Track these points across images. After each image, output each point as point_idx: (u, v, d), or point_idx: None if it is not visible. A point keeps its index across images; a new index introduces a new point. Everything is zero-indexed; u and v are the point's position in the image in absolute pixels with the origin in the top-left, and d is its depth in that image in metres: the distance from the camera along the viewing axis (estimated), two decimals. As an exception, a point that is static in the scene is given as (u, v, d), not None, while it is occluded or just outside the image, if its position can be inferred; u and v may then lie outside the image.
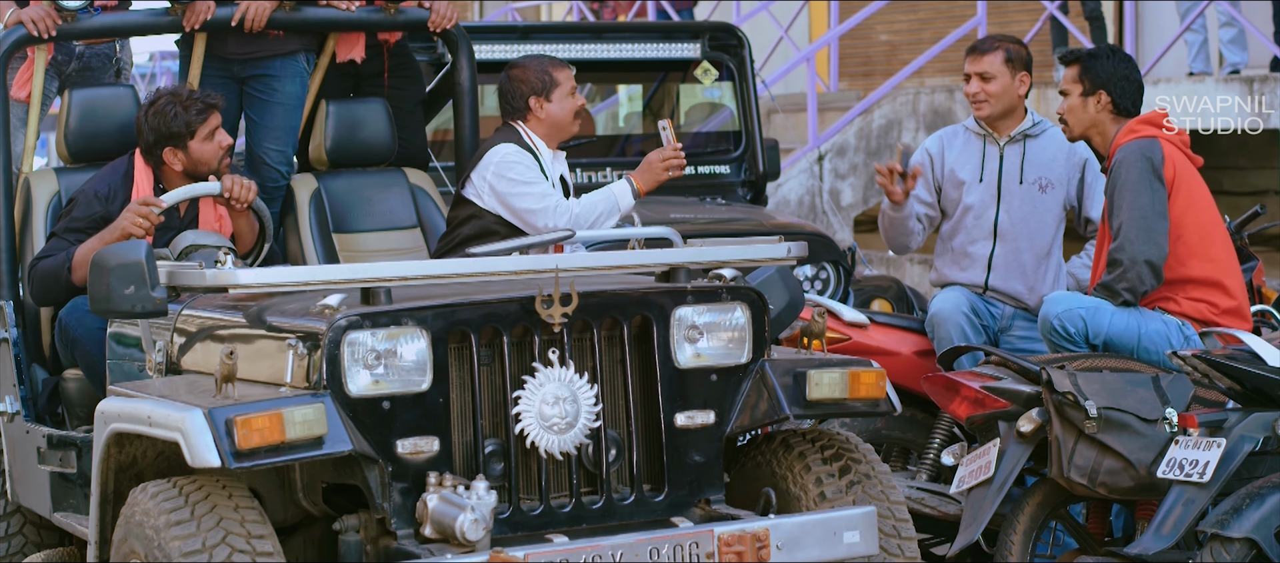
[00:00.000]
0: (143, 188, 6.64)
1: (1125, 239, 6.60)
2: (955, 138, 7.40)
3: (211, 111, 6.62)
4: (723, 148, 10.07)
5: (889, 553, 5.65)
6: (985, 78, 7.27)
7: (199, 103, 6.61)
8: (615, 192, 6.75)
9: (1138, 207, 6.59)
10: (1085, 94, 6.84)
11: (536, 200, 6.67)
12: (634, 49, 9.87)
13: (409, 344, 5.20)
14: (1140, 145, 6.67)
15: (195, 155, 6.61)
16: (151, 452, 5.62)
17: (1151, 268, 6.60)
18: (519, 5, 21.23)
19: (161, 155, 6.63)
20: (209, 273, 5.37)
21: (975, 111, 7.32)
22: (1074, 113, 6.87)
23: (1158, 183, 6.62)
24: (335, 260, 7.17)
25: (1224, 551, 5.63)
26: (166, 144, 6.61)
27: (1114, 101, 6.81)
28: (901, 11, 17.61)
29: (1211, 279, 6.68)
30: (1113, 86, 6.81)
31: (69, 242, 6.57)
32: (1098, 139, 6.87)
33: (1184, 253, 6.67)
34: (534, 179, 6.71)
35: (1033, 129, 7.32)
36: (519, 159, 6.74)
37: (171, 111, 6.58)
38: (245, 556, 5.00)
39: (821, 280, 9.18)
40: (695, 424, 5.53)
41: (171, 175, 6.67)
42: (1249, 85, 12.08)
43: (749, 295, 5.63)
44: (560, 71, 6.87)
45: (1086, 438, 6.06)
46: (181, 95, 6.64)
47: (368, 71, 7.62)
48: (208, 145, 6.62)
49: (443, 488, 5.12)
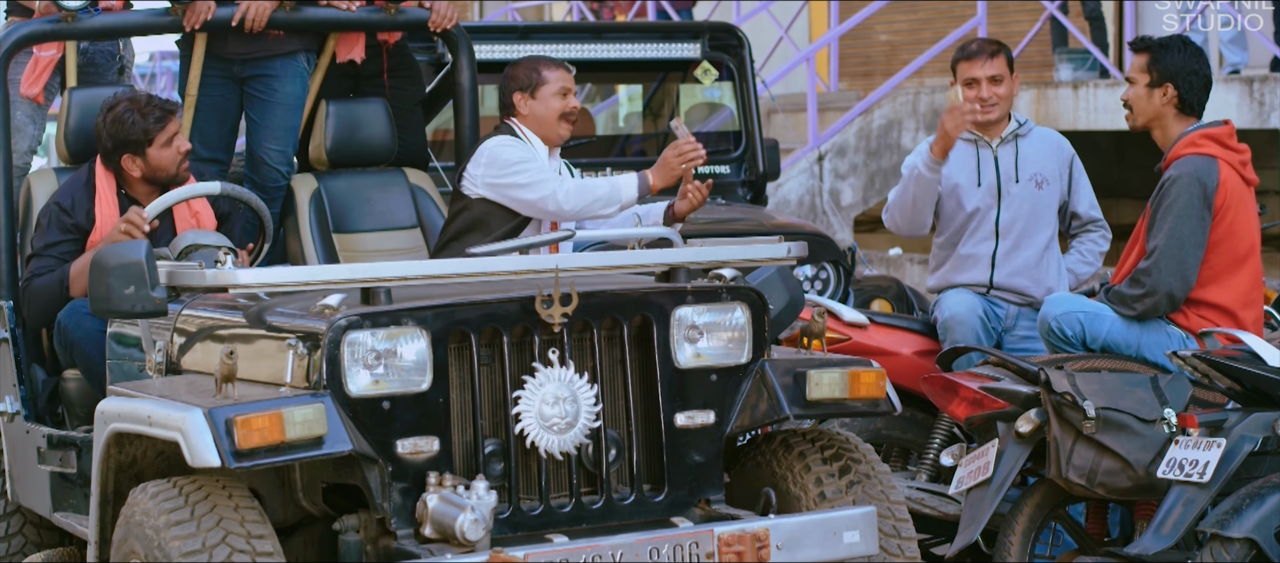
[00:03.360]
0: (104, 195, 6.64)
1: (1155, 264, 6.53)
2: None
3: (169, 118, 6.61)
4: (723, 148, 10.07)
5: (889, 553, 5.65)
6: (996, 81, 7.27)
7: (157, 110, 6.59)
8: (619, 182, 6.70)
9: (1177, 234, 6.51)
10: (1152, 85, 6.69)
11: (529, 176, 6.68)
12: (634, 49, 9.87)
13: (409, 344, 5.20)
14: (1198, 166, 6.53)
15: (153, 162, 6.61)
16: (151, 452, 5.62)
17: (1172, 300, 6.54)
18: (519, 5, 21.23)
19: (120, 162, 6.62)
20: (209, 273, 5.37)
21: (982, 115, 7.27)
22: (1139, 102, 6.73)
23: (1206, 210, 6.51)
24: (335, 260, 7.18)
25: (1224, 551, 5.63)
26: (125, 151, 6.60)
27: (1180, 96, 6.67)
28: (901, 11, 17.62)
29: (1226, 307, 6.60)
30: (1181, 80, 6.67)
31: (53, 257, 6.58)
32: (1158, 133, 6.74)
33: (1207, 276, 6.58)
34: (526, 157, 6.72)
35: (1021, 129, 7.32)
36: (512, 144, 6.76)
37: (129, 119, 6.57)
38: (245, 556, 5.00)
39: (821, 280, 9.18)
40: (695, 424, 5.53)
41: (132, 182, 6.66)
42: (1249, 85, 12.08)
43: (749, 295, 5.63)
44: (551, 71, 6.85)
45: (1085, 438, 6.06)
46: (140, 102, 6.62)
47: (368, 72, 7.63)
48: (166, 151, 6.61)
49: (443, 488, 5.12)
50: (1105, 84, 13.17)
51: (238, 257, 5.62)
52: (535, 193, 6.67)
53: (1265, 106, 12.01)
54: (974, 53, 7.30)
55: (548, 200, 6.67)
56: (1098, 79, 13.55)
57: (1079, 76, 13.73)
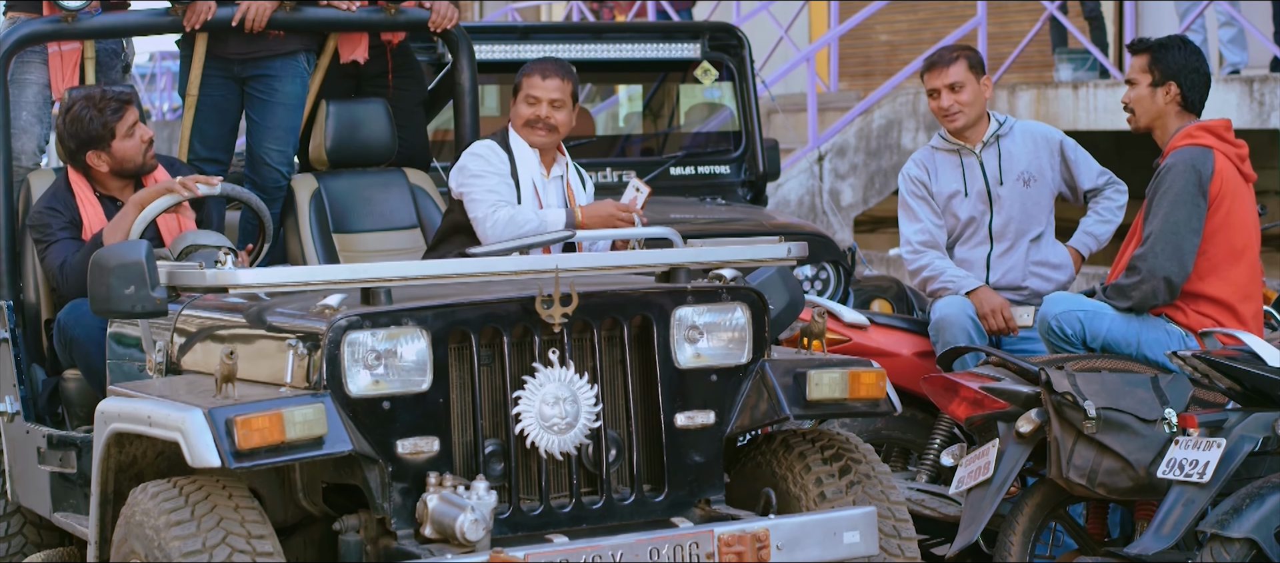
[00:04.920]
0: (84, 197, 6.64)
1: (1150, 250, 6.54)
2: (932, 160, 7.37)
3: (126, 108, 6.60)
4: (723, 148, 10.07)
5: (889, 553, 5.65)
6: (955, 88, 7.24)
7: (113, 102, 6.59)
8: (548, 217, 6.68)
9: (1172, 220, 6.51)
10: (1155, 85, 6.68)
11: (477, 193, 6.71)
12: (634, 49, 9.86)
13: (409, 344, 5.20)
14: (1193, 155, 6.54)
15: (118, 154, 6.61)
16: (151, 452, 5.62)
17: (1169, 285, 6.54)
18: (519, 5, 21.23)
19: (86, 160, 6.61)
20: (209, 273, 5.37)
21: (948, 124, 7.26)
22: (1142, 103, 6.72)
23: (1200, 198, 6.51)
24: (335, 260, 7.18)
25: (1224, 551, 5.63)
26: (88, 148, 6.59)
27: (1183, 94, 6.67)
28: (901, 11, 17.62)
29: (1225, 300, 6.60)
30: (1183, 78, 6.67)
31: (66, 237, 6.56)
32: (1159, 132, 6.74)
33: (1205, 269, 6.57)
34: (484, 173, 6.72)
35: (1001, 129, 7.31)
36: (480, 153, 6.77)
37: (87, 116, 6.56)
38: (245, 556, 5.00)
39: (821, 281, 9.18)
40: (695, 424, 5.53)
41: (102, 178, 6.66)
42: (1249, 85, 12.08)
43: (749, 296, 5.63)
44: (529, 76, 6.81)
45: (1085, 438, 6.06)
46: (95, 97, 6.61)
47: (370, 72, 7.63)
48: (129, 142, 6.61)
49: (443, 488, 5.12)
50: (1105, 84, 13.17)
51: (237, 256, 5.62)
52: (475, 211, 6.71)
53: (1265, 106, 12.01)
54: (933, 62, 7.29)
55: (482, 222, 6.69)
56: (1098, 79, 13.55)
57: (1079, 76, 13.72)
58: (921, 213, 7.30)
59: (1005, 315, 7.05)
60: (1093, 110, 13.16)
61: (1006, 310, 7.07)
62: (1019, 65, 14.96)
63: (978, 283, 7.15)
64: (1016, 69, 15.02)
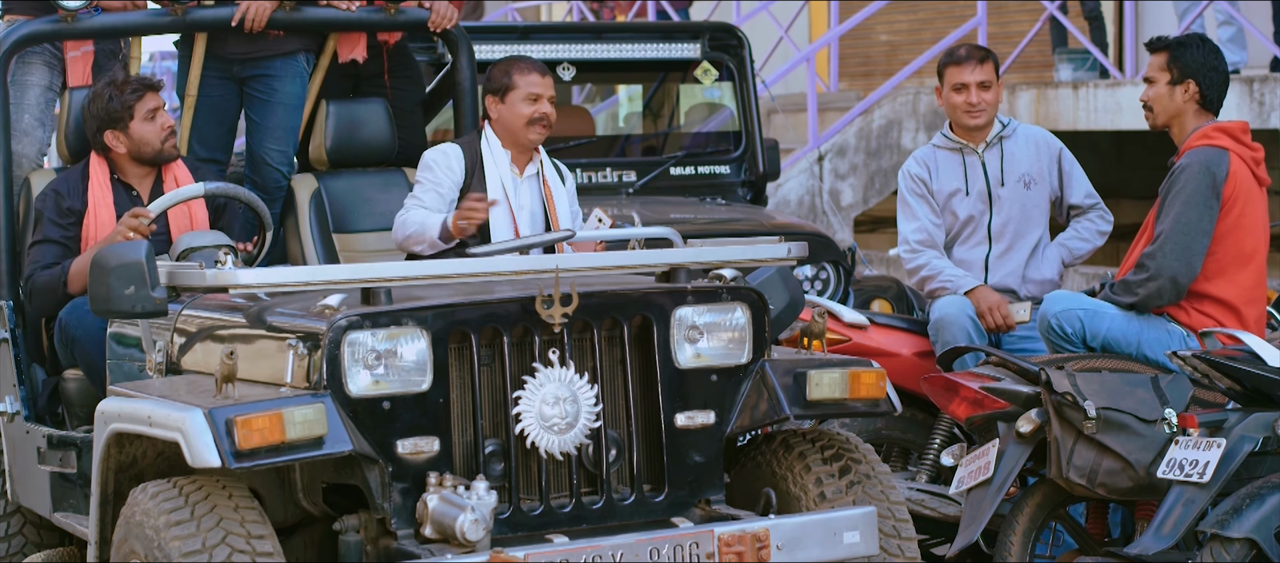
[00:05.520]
0: (98, 179, 6.68)
1: (1160, 249, 6.53)
2: (933, 158, 7.38)
3: (147, 91, 6.68)
4: (723, 148, 10.07)
5: (889, 553, 5.65)
6: (985, 86, 7.26)
7: (134, 84, 6.69)
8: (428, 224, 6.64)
9: (1184, 220, 6.50)
10: (1173, 82, 6.67)
11: (415, 191, 6.78)
12: (634, 49, 9.87)
13: (409, 344, 5.20)
14: (1208, 156, 6.54)
15: (136, 136, 6.67)
16: (151, 452, 5.63)
17: (1176, 285, 6.53)
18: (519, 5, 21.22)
19: (104, 140, 6.67)
20: (209, 273, 5.37)
21: (970, 120, 7.27)
22: (1160, 101, 6.71)
23: (1213, 200, 6.50)
24: (335, 260, 7.18)
25: (1224, 551, 5.63)
26: (107, 128, 6.68)
27: (1201, 92, 6.66)
28: (901, 11, 17.61)
29: (1229, 302, 6.59)
30: (1202, 77, 6.66)
31: (54, 242, 6.58)
32: (1176, 130, 6.72)
33: (1213, 270, 6.57)
34: (424, 180, 6.77)
35: (1005, 131, 7.32)
36: (434, 161, 6.80)
37: (108, 95, 6.67)
38: (245, 556, 5.00)
39: (821, 281, 9.18)
40: (695, 425, 5.53)
41: (120, 162, 6.70)
42: (1249, 85, 12.08)
43: (749, 296, 5.63)
44: (523, 75, 6.77)
45: (1085, 438, 6.06)
46: (118, 80, 6.73)
47: (368, 72, 7.62)
48: (149, 125, 6.67)
49: (443, 488, 5.12)
50: (1105, 84, 13.16)
51: (237, 256, 5.62)
52: (402, 209, 6.76)
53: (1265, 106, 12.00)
54: (963, 58, 7.29)
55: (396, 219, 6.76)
56: (1097, 79, 13.54)
57: (1079, 77, 13.71)
58: (920, 211, 7.30)
59: (1002, 313, 7.05)
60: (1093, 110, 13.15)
61: (1003, 308, 7.07)
62: (1019, 65, 14.95)
63: (976, 282, 7.15)
64: (1016, 69, 15.01)
